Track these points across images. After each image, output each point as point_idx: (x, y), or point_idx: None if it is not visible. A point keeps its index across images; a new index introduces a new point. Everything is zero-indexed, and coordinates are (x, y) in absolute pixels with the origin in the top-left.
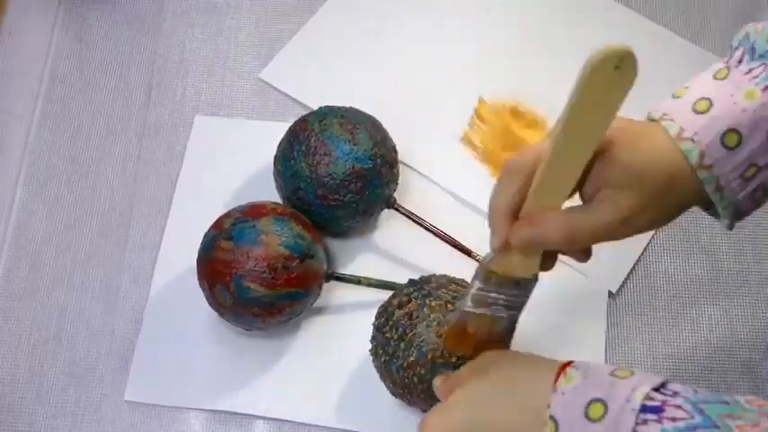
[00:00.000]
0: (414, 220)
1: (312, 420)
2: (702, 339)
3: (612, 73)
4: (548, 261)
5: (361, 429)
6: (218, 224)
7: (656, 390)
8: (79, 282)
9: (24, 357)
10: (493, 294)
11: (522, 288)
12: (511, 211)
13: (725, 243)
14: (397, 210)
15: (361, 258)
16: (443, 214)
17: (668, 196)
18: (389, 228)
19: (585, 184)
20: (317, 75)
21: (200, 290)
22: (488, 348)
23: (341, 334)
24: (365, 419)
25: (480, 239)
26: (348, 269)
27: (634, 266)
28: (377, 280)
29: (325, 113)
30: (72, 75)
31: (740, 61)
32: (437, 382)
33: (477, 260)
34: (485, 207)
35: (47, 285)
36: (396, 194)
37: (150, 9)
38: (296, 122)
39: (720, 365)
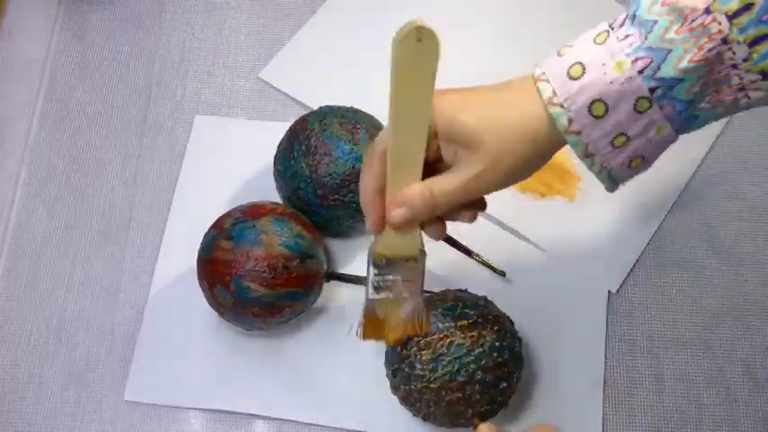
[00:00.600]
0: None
1: (312, 420)
2: (702, 339)
3: (417, 46)
4: (434, 230)
5: (362, 429)
6: (218, 224)
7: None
8: (79, 282)
9: (24, 357)
10: (389, 277)
11: (414, 266)
12: (377, 191)
13: (725, 243)
14: None
15: (361, 258)
16: None
17: (521, 148)
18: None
19: (443, 153)
20: (317, 75)
21: (200, 290)
22: (405, 331)
23: (341, 334)
24: (365, 419)
25: (480, 239)
26: (348, 269)
27: (634, 266)
28: None
29: (326, 113)
30: (72, 75)
31: (622, 25)
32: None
33: (475, 259)
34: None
35: (47, 285)
36: None
37: (150, 9)
38: (296, 122)
39: (720, 366)
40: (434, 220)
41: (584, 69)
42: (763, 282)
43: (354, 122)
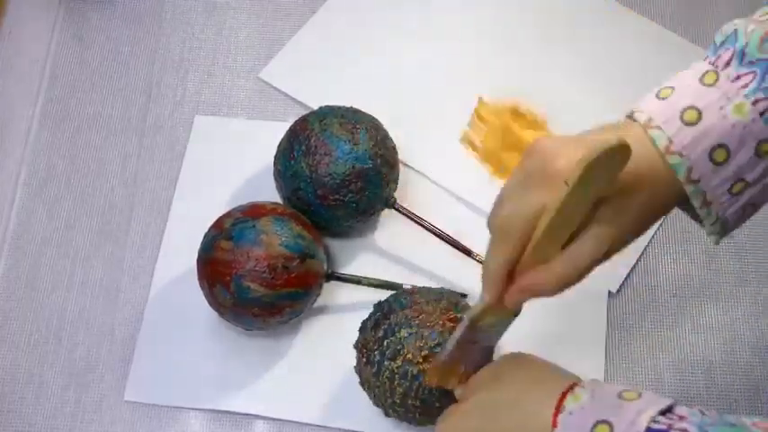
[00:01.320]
0: (414, 220)
1: (312, 420)
2: (702, 339)
3: (613, 160)
4: None
5: (362, 429)
6: (218, 224)
7: (663, 413)
8: (79, 282)
9: (24, 357)
10: (476, 335)
11: (504, 326)
12: (506, 272)
13: (725, 243)
14: (397, 210)
15: (361, 258)
16: (443, 214)
17: (649, 213)
18: (389, 228)
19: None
20: (317, 75)
21: (200, 290)
22: (471, 374)
23: (341, 334)
24: (365, 419)
25: (480, 239)
26: (348, 269)
27: (634, 266)
28: (377, 280)
29: (325, 113)
30: (72, 75)
31: (727, 64)
32: (458, 390)
33: (475, 259)
34: (485, 207)
35: (47, 285)
36: (396, 194)
37: (150, 9)
38: (296, 122)
39: (720, 366)
40: None
41: (699, 114)
42: (763, 281)
43: (354, 122)
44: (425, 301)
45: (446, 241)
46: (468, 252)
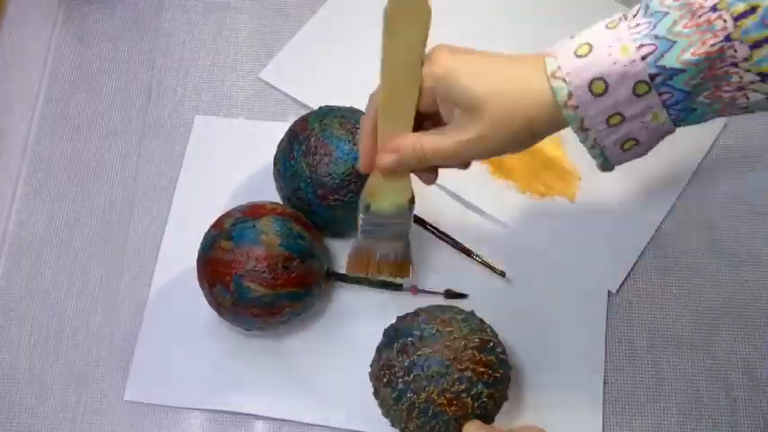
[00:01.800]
0: (413, 221)
1: (312, 420)
2: (702, 339)
3: (408, 15)
4: (427, 177)
5: (362, 429)
6: (218, 224)
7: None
8: (79, 282)
9: (24, 357)
10: (378, 221)
11: (401, 214)
12: (370, 134)
13: (725, 243)
14: None
15: None
16: (443, 214)
17: (518, 118)
18: None
19: (441, 109)
20: (317, 75)
21: (200, 290)
22: (388, 270)
23: (341, 334)
24: (365, 419)
25: (480, 239)
26: None
27: (634, 266)
28: (377, 280)
29: (325, 113)
30: (72, 75)
31: (635, 15)
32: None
33: (475, 259)
34: (485, 207)
35: (47, 285)
36: None
37: (150, 9)
38: (296, 122)
39: (720, 365)
40: (429, 168)
41: (591, 49)
42: (763, 282)
43: (354, 122)
44: (459, 338)
45: (445, 241)
46: (468, 252)
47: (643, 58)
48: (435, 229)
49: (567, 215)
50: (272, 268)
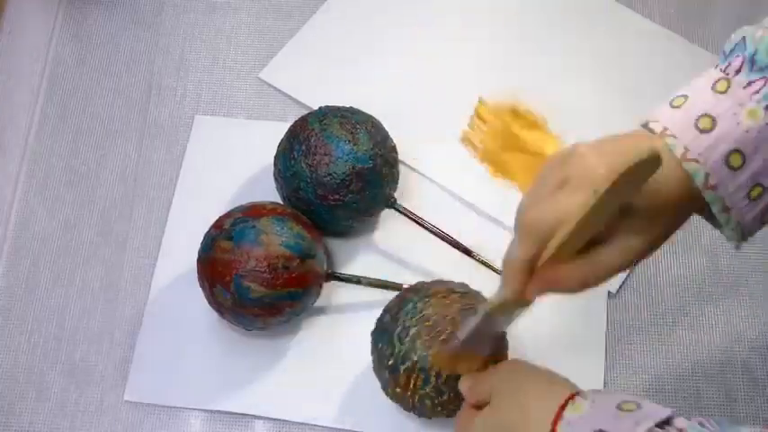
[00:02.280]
0: (414, 220)
1: (312, 420)
2: (702, 339)
3: (642, 169)
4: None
5: (362, 429)
6: (218, 224)
7: (661, 425)
8: (79, 282)
9: (24, 357)
10: (490, 326)
11: (516, 314)
12: (527, 269)
13: (725, 243)
14: (397, 210)
15: (361, 258)
16: (443, 214)
17: (673, 222)
18: (389, 228)
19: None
20: (317, 75)
21: (200, 290)
22: (480, 361)
23: (341, 334)
24: (365, 419)
25: (480, 239)
26: (348, 269)
27: (634, 266)
28: (377, 280)
29: (325, 113)
30: (72, 75)
31: (738, 71)
32: (464, 386)
33: (475, 259)
34: (485, 207)
35: (47, 285)
36: (396, 194)
37: (150, 9)
38: (296, 122)
39: (720, 365)
40: None
41: (714, 122)
42: (763, 282)
43: (354, 122)
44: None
45: (446, 241)
46: (468, 252)
47: None
48: (435, 228)
49: None
50: (273, 268)
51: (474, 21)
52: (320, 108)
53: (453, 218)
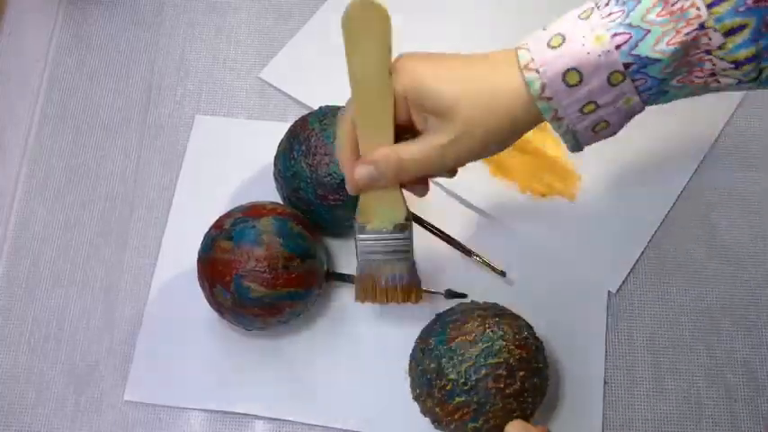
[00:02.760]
0: (413, 220)
1: (312, 420)
2: (702, 339)
3: (365, 22)
4: (417, 189)
5: (362, 429)
6: (218, 224)
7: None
8: (79, 282)
9: (24, 357)
10: (377, 242)
11: (400, 232)
12: (350, 152)
13: (725, 243)
14: None
15: None
16: (443, 214)
17: (493, 116)
18: None
19: (414, 120)
20: (317, 75)
21: (200, 290)
22: (396, 297)
23: (341, 334)
24: (365, 419)
25: (480, 239)
26: (348, 269)
27: (634, 266)
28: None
29: (325, 113)
30: (72, 75)
31: (607, 4)
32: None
33: (474, 259)
34: (485, 207)
35: (47, 285)
36: None
37: (150, 9)
38: (296, 122)
39: (720, 365)
40: (414, 180)
41: (563, 40)
42: (763, 282)
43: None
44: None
45: (445, 241)
46: (468, 252)
47: (617, 47)
48: (435, 228)
49: (567, 215)
50: (273, 268)
51: (474, 20)
52: (320, 108)
53: (453, 218)
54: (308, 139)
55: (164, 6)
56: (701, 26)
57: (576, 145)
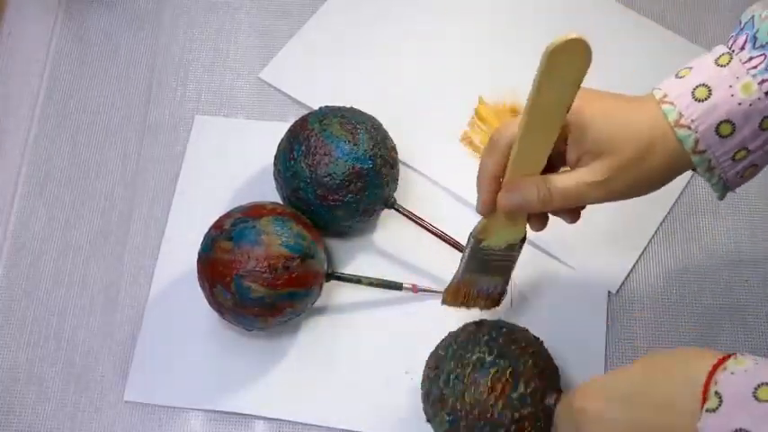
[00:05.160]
0: (414, 221)
1: (312, 420)
2: (702, 339)
3: (568, 57)
4: (537, 222)
5: (362, 429)
6: (218, 224)
7: None
8: (79, 281)
9: (24, 357)
10: (485, 256)
11: (510, 250)
12: (493, 177)
13: (725, 243)
14: (397, 210)
15: (361, 258)
16: (443, 214)
17: (646, 164)
18: (389, 228)
19: (568, 153)
20: (317, 75)
21: (200, 290)
22: (483, 304)
23: (341, 334)
24: (365, 419)
25: None
26: (348, 269)
27: (634, 266)
28: (377, 279)
29: (325, 113)
30: (72, 75)
31: (742, 48)
32: None
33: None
34: None
35: (47, 285)
36: (396, 194)
37: (150, 9)
38: (296, 122)
39: None
40: (541, 213)
41: (710, 91)
42: (763, 282)
43: (354, 123)
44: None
45: (445, 241)
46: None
47: (767, 93)
48: (435, 228)
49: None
50: (273, 268)
51: (474, 21)
52: (320, 108)
53: (453, 218)
54: (307, 139)
55: (164, 6)
56: None
57: (725, 192)
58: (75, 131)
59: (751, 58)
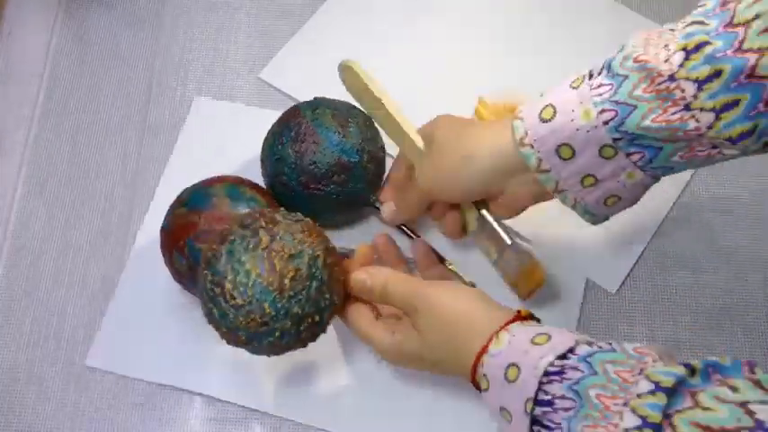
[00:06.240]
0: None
1: (312, 420)
2: (702, 339)
3: (351, 75)
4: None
5: (360, 429)
6: (178, 196)
7: (562, 356)
8: (79, 281)
9: (24, 357)
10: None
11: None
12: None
13: (725, 243)
14: (377, 209)
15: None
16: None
17: (499, 180)
18: (380, 227)
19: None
20: (317, 75)
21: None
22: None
23: (341, 334)
24: (365, 419)
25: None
26: None
27: (634, 266)
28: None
29: (319, 103)
30: (72, 75)
31: (600, 73)
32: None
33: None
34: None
35: (47, 285)
36: None
37: (150, 9)
38: (288, 109)
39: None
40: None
41: (554, 113)
42: (763, 282)
43: (347, 116)
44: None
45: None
46: (441, 260)
47: (605, 123)
48: (410, 232)
49: (566, 215)
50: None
51: (474, 21)
52: (315, 98)
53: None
54: (298, 125)
55: (164, 6)
56: (687, 107)
57: (593, 218)
58: (75, 131)
59: (600, 85)
